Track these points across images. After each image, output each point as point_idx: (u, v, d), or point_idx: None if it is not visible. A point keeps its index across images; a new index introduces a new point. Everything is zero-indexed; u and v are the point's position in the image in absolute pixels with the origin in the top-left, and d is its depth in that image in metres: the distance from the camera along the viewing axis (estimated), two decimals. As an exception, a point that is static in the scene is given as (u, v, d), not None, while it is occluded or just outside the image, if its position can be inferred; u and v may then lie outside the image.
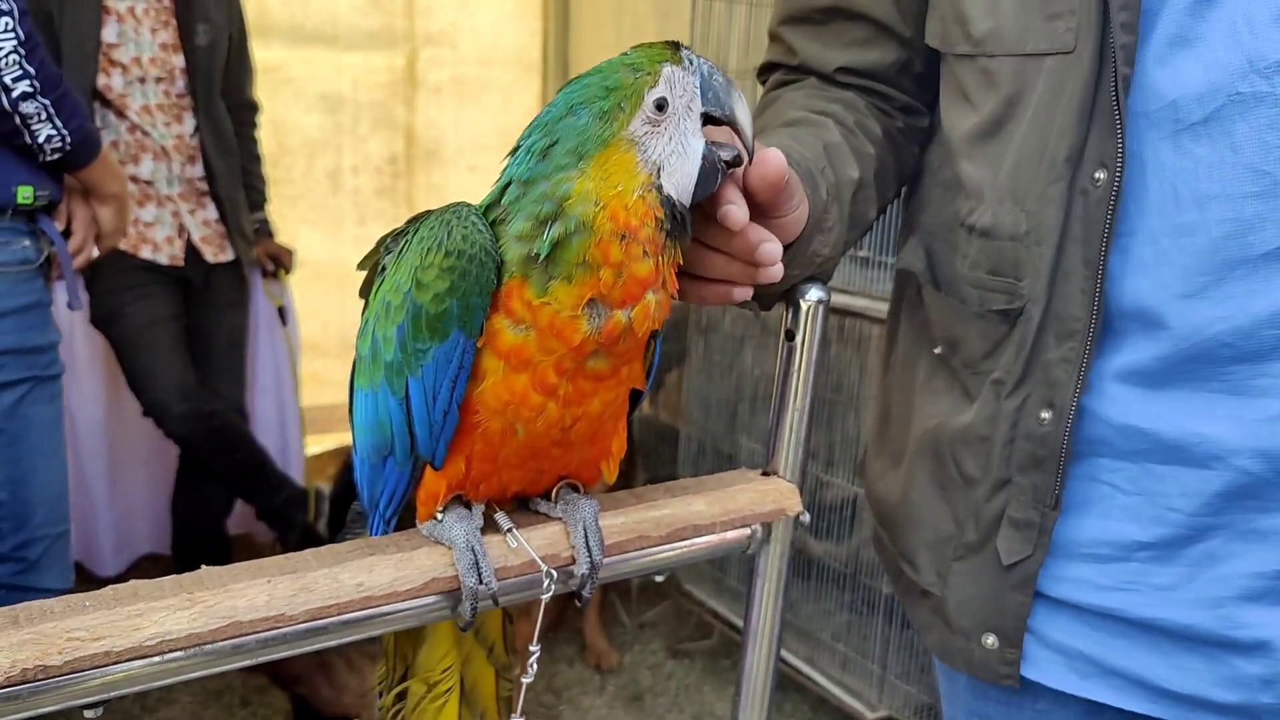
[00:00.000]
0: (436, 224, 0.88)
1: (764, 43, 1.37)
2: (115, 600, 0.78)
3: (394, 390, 0.91)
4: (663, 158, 0.84)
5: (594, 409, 0.91)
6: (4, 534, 2.05)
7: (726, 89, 0.88)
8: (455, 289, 0.85)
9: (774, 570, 1.15)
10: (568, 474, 0.99)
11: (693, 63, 0.87)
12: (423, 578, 0.89)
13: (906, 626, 2.92)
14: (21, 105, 1.87)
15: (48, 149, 1.96)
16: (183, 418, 3.28)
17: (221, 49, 3.35)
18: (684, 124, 0.86)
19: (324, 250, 4.91)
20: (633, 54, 0.86)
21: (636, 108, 0.83)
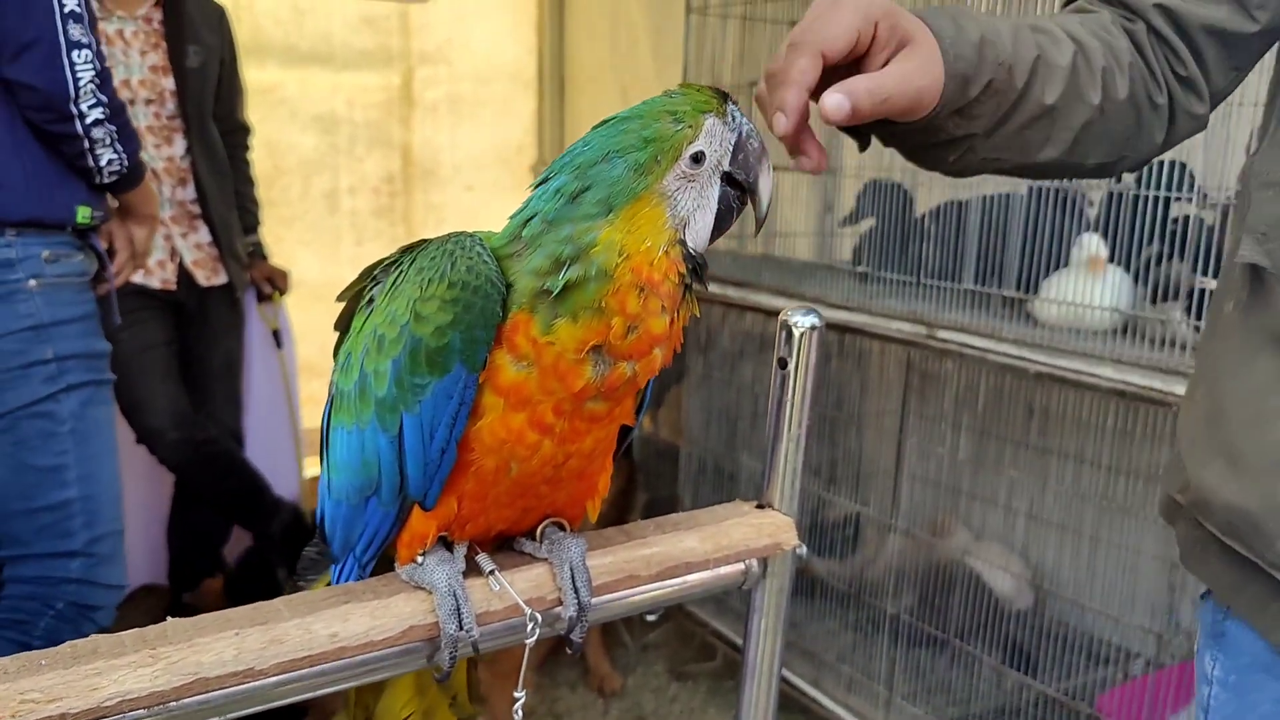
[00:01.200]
0: (438, 254, 0.85)
1: (757, 58, 1.30)
2: (73, 658, 0.74)
3: (385, 428, 0.88)
4: (689, 212, 0.84)
5: (586, 446, 0.89)
6: (76, 530, 2.17)
7: (758, 156, 0.87)
8: (458, 321, 0.82)
9: (772, 605, 1.11)
10: (554, 512, 0.96)
11: (735, 120, 0.86)
12: (400, 626, 0.85)
13: (912, 645, 2.87)
14: (94, 130, 2.04)
15: (106, 171, 2.11)
16: (177, 444, 3.24)
17: (212, 71, 3.32)
18: (711, 178, 0.86)
19: (321, 271, 4.88)
20: (678, 96, 0.85)
21: (673, 162, 0.82)
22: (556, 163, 0.85)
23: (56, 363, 2.12)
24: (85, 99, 2.01)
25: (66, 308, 2.13)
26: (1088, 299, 2.27)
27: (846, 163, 3.04)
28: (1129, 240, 2.24)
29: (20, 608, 2.15)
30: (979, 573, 2.78)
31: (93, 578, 2.22)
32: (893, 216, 2.78)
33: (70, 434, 2.16)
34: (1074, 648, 2.61)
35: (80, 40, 2.00)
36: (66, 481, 2.16)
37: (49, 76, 1.98)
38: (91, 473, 2.21)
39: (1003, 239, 2.46)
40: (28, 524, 2.15)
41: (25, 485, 2.12)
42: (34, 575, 2.17)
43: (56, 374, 2.12)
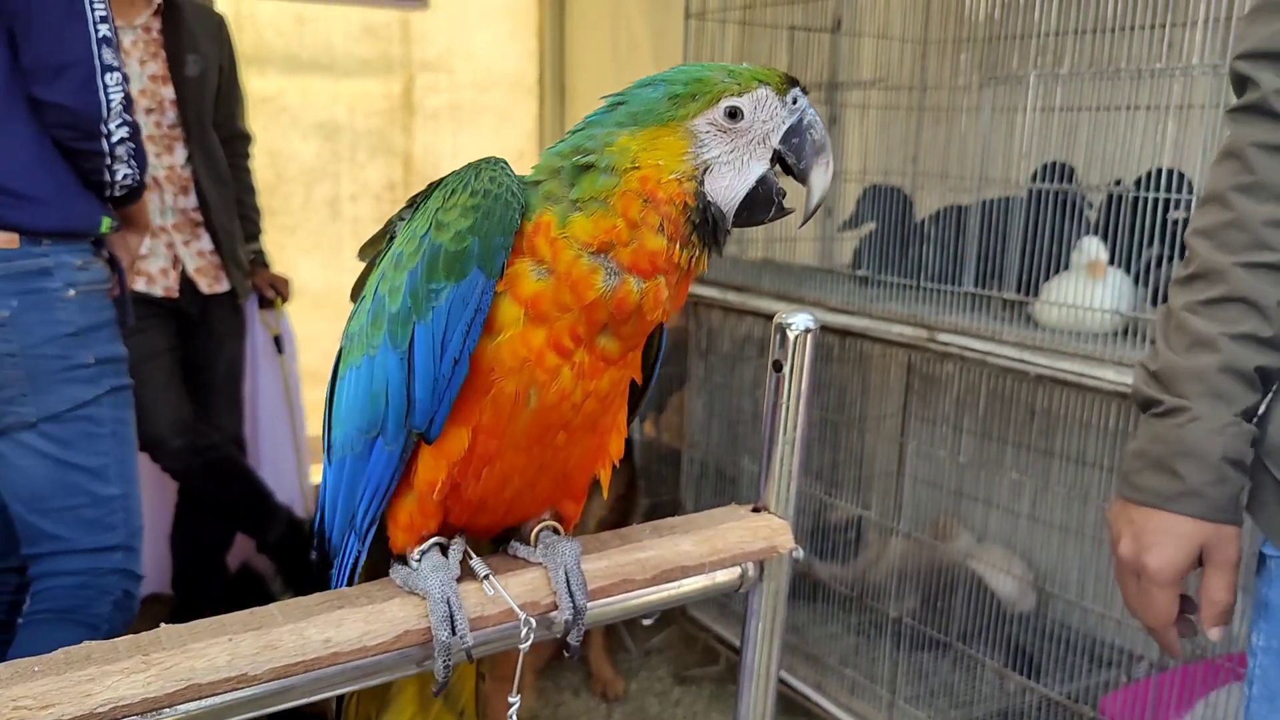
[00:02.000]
0: (462, 171, 0.89)
1: (755, 61, 1.34)
2: (66, 664, 0.74)
3: (396, 344, 0.87)
4: (715, 162, 0.85)
5: (603, 387, 0.89)
6: (118, 525, 2.31)
7: (815, 148, 0.88)
8: (478, 227, 0.83)
9: (769, 608, 1.11)
10: (566, 475, 0.95)
11: (796, 103, 0.88)
12: (394, 631, 0.85)
13: (915, 649, 2.87)
14: (117, 148, 2.13)
15: (119, 185, 2.18)
16: (179, 452, 3.24)
17: (212, 79, 3.33)
18: (753, 146, 0.87)
19: (323, 279, 4.89)
20: (746, 68, 0.88)
21: (708, 106, 0.85)
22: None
23: (97, 366, 2.21)
24: (113, 119, 2.09)
25: (98, 313, 2.22)
26: (1088, 301, 2.27)
27: (848, 167, 3.04)
28: (1129, 242, 2.24)
29: (79, 595, 2.26)
30: (981, 575, 2.78)
31: (133, 567, 2.37)
32: (893, 220, 2.79)
33: (111, 435, 2.27)
34: (1077, 650, 2.60)
35: (112, 64, 2.08)
36: (109, 479, 2.28)
37: (84, 99, 2.05)
38: (128, 471, 2.34)
39: (1003, 242, 2.46)
40: (73, 520, 2.24)
41: (70, 484, 2.22)
42: (84, 568, 2.27)
43: (97, 377, 2.22)
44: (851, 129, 3.11)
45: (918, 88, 2.81)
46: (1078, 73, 2.33)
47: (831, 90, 3.15)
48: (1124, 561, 1.21)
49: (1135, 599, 1.22)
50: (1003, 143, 2.53)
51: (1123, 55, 2.25)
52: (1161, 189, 2.16)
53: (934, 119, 2.82)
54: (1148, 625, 1.22)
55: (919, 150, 2.92)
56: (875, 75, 2.97)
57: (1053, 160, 2.45)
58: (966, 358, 2.48)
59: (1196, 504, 1.15)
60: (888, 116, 2.99)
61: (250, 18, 4.63)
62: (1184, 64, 2.14)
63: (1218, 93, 2.09)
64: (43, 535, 2.25)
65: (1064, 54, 2.34)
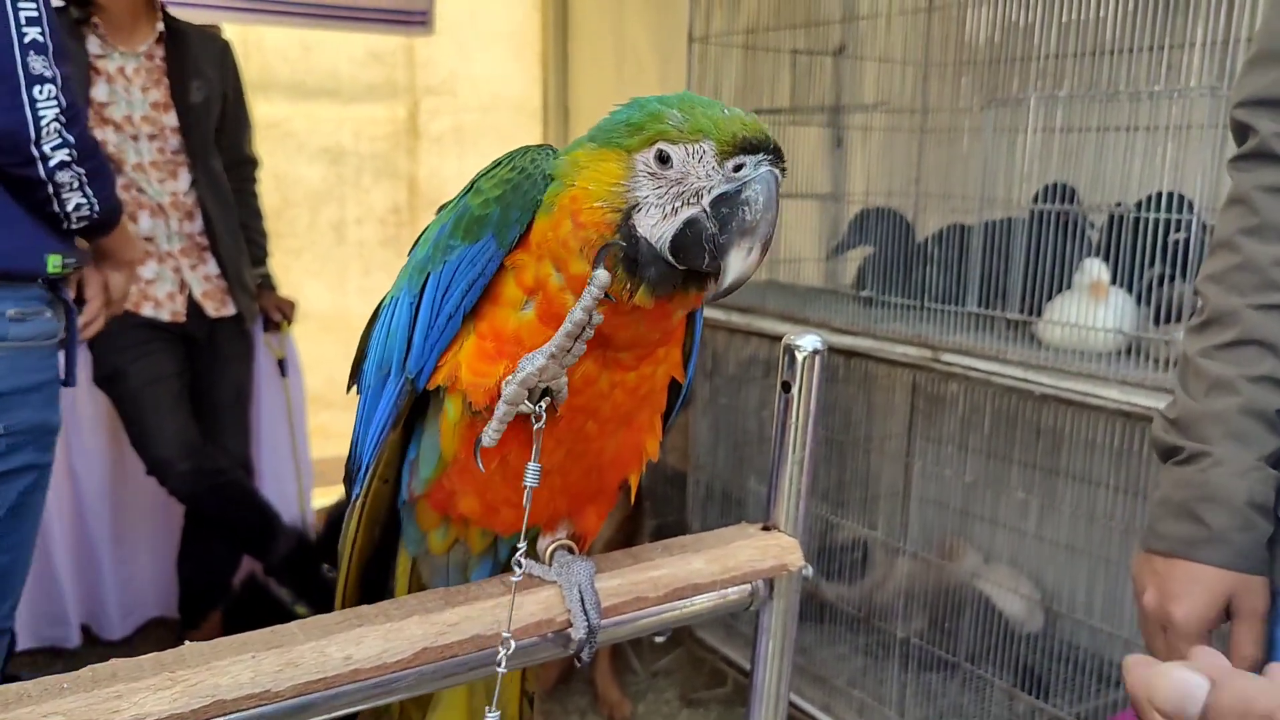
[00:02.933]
0: (515, 150, 0.90)
1: (758, 85, 1.36)
2: (93, 682, 0.76)
3: (411, 287, 0.92)
4: (644, 201, 0.81)
5: (630, 379, 0.90)
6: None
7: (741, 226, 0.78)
8: (504, 198, 0.86)
9: (779, 626, 1.12)
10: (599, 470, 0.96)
11: (740, 171, 0.79)
12: (412, 648, 0.86)
13: (923, 669, 2.87)
14: (57, 174, 1.85)
15: (74, 217, 1.93)
16: (186, 475, 3.26)
17: (214, 105, 3.35)
18: (686, 196, 0.80)
19: (329, 303, 4.92)
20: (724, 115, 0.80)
21: (646, 145, 0.81)
22: None
23: (7, 438, 1.90)
24: (48, 139, 1.81)
25: (29, 374, 1.92)
26: (1091, 321, 2.29)
27: (852, 189, 3.06)
28: (1131, 263, 2.26)
29: None
30: (989, 595, 2.78)
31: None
32: (893, 242, 2.81)
33: (7, 518, 1.93)
34: (1086, 670, 2.60)
35: (42, 74, 1.79)
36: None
37: (7, 116, 1.77)
38: (11, 564, 1.98)
39: (1005, 262, 2.48)
40: None
41: None
42: None
43: (6, 451, 1.90)
44: (855, 151, 3.13)
45: (920, 110, 2.84)
46: (1078, 94, 2.35)
47: (835, 113, 3.18)
48: (1149, 614, 1.20)
49: (1162, 654, 1.19)
50: (1004, 164, 2.55)
51: (1122, 77, 2.28)
52: (1163, 210, 2.18)
53: (936, 141, 2.85)
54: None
55: (921, 172, 2.95)
56: (878, 98, 3.00)
57: (1054, 181, 2.47)
58: (971, 377, 2.50)
59: (1223, 551, 1.14)
60: (890, 139, 3.02)
61: (257, 44, 4.68)
62: (1183, 86, 2.17)
63: (1216, 113, 2.12)
64: None
65: (1064, 76, 2.37)
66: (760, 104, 3.13)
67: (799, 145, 3.17)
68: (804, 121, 3.19)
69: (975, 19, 2.52)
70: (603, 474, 0.96)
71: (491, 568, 1.03)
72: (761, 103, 3.14)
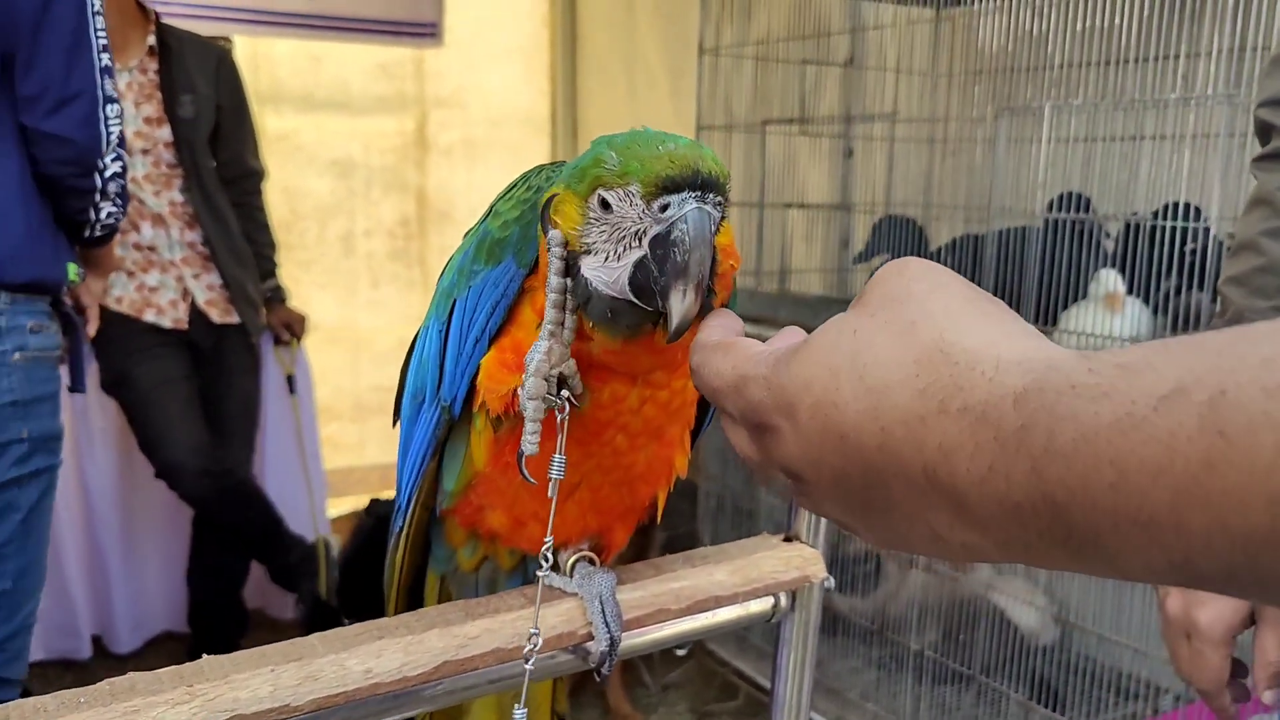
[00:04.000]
0: (531, 170, 0.90)
1: (771, 96, 1.35)
2: (111, 695, 0.75)
3: (440, 315, 0.92)
4: (593, 246, 0.79)
5: (661, 395, 0.88)
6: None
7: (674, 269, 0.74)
8: (522, 218, 0.86)
9: (800, 638, 1.11)
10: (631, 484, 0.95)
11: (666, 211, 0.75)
12: (433, 661, 0.85)
13: (937, 682, 2.84)
14: (109, 184, 2.01)
15: (100, 224, 2.06)
16: (195, 477, 3.24)
17: (208, 118, 3.31)
18: (629, 240, 0.77)
19: (337, 314, 4.92)
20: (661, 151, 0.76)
21: (590, 190, 0.78)
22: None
23: (29, 443, 1.98)
24: (109, 153, 1.99)
25: (42, 384, 2.02)
26: (1107, 330, 2.27)
27: (860, 199, 3.05)
28: (1147, 272, 2.25)
29: None
30: (1002, 607, 2.76)
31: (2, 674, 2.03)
32: (907, 251, 2.80)
33: (22, 523, 2.00)
34: (1102, 683, 2.58)
35: (112, 95, 1.99)
36: (3, 573, 1.99)
37: (88, 131, 1.94)
38: (27, 566, 2.03)
39: (1020, 271, 2.47)
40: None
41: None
42: None
43: (27, 455, 1.98)
44: (865, 161, 3.13)
45: (929, 120, 2.83)
46: (1092, 103, 2.34)
47: (844, 124, 3.17)
48: (1173, 619, 1.18)
49: (1186, 661, 1.18)
50: (1017, 173, 2.54)
51: (1137, 86, 2.27)
52: (1179, 219, 2.17)
53: (947, 150, 2.84)
54: (1199, 688, 1.18)
55: (931, 181, 2.94)
56: (888, 108, 2.99)
57: (1068, 190, 2.46)
58: (985, 387, 2.48)
59: None
60: (900, 148, 3.01)
61: (266, 57, 4.69)
62: (1198, 94, 2.16)
63: (1232, 122, 2.11)
64: None
65: (1078, 85, 2.36)
66: (770, 115, 3.13)
67: (809, 156, 3.17)
68: (814, 132, 3.18)
69: (988, 28, 2.51)
70: (633, 488, 0.95)
71: (520, 585, 1.02)
72: (771, 113, 3.14)
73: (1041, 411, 0.42)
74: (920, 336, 0.48)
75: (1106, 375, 0.40)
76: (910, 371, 0.47)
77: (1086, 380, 0.41)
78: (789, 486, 0.58)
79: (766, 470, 0.59)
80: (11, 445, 1.95)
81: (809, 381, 0.52)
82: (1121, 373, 0.40)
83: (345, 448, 5.09)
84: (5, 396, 1.93)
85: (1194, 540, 0.38)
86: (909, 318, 0.50)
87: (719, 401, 0.61)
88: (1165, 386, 0.38)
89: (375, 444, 5.26)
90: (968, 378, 0.45)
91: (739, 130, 3.15)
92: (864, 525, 0.54)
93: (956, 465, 0.45)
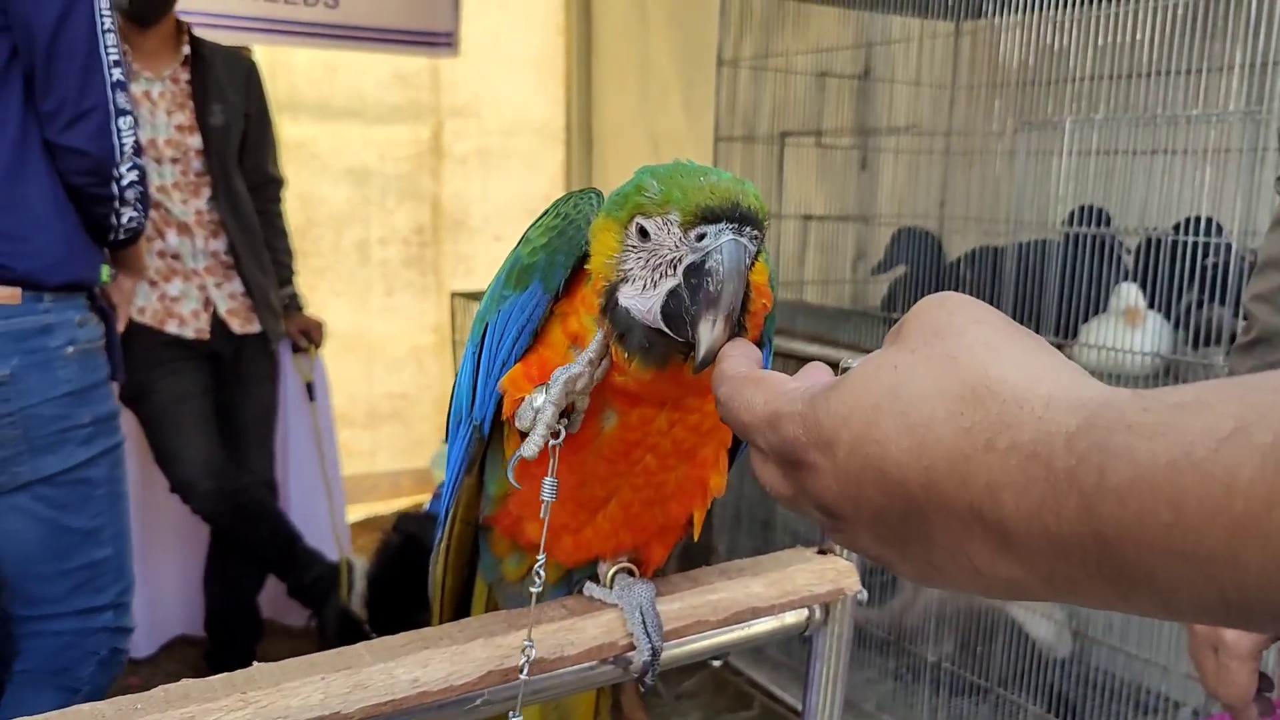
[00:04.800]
0: (561, 198, 0.92)
1: (793, 111, 1.36)
2: (166, 702, 0.76)
3: (473, 339, 0.95)
4: (630, 274, 0.80)
5: (691, 418, 0.89)
6: (108, 586, 2.26)
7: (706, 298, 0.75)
8: (550, 245, 0.87)
9: (833, 651, 1.11)
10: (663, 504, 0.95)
11: (703, 240, 0.76)
12: (478, 671, 0.86)
13: (954, 694, 2.84)
14: (127, 192, 2.13)
15: (123, 229, 2.17)
16: (209, 494, 3.26)
17: (237, 127, 3.36)
18: (665, 268, 0.79)
19: (352, 322, 4.93)
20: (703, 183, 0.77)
21: (629, 219, 0.80)
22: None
23: (93, 426, 2.18)
24: (125, 163, 2.10)
25: (94, 372, 2.19)
26: (1127, 344, 2.28)
27: (879, 211, 3.06)
28: (1168, 287, 2.25)
29: (64, 657, 2.21)
30: (1018, 619, 2.76)
31: (122, 624, 2.31)
32: (925, 263, 2.80)
33: (105, 496, 2.23)
34: (1119, 697, 2.57)
35: (125, 107, 2.10)
36: (102, 541, 2.23)
37: (102, 144, 2.06)
38: (120, 529, 2.29)
39: (1040, 284, 2.47)
40: (63, 583, 2.19)
41: (62, 547, 2.17)
42: (73, 629, 2.22)
43: (93, 437, 2.18)
44: (882, 173, 3.14)
45: (947, 133, 2.84)
46: (1113, 118, 2.35)
47: (862, 136, 3.18)
48: (1199, 634, 1.18)
49: (1212, 675, 1.18)
50: (1036, 187, 2.55)
51: (1158, 101, 2.27)
52: (1200, 233, 2.17)
53: (964, 163, 2.85)
54: (1226, 702, 1.18)
55: (948, 194, 2.95)
56: (906, 121, 3.00)
57: (1087, 204, 2.47)
58: (1004, 400, 2.48)
59: None
60: (918, 161, 3.02)
61: (285, 66, 4.72)
62: (1219, 109, 2.16)
63: (1254, 137, 2.11)
64: (33, 597, 2.19)
65: (1099, 99, 2.37)
66: (788, 127, 3.14)
67: (827, 168, 3.18)
68: (830, 144, 3.19)
69: (1008, 42, 2.52)
70: (666, 507, 0.96)
71: (564, 596, 1.03)
72: (789, 125, 3.15)
73: (1095, 450, 0.42)
74: (963, 372, 0.48)
75: (1162, 414, 0.41)
76: (954, 408, 0.47)
77: (1142, 419, 0.41)
78: (823, 522, 0.58)
79: (799, 506, 0.59)
80: (75, 430, 2.14)
81: (848, 417, 0.52)
82: (1178, 412, 0.40)
83: (359, 454, 5.11)
84: (66, 387, 2.11)
85: (1249, 578, 0.38)
86: (950, 352, 0.50)
87: (749, 436, 0.61)
88: (1225, 427, 0.38)
89: (388, 451, 5.28)
90: (1015, 415, 0.45)
91: (758, 142, 3.16)
92: (901, 560, 0.54)
93: (1004, 502, 0.45)
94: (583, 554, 0.97)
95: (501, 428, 0.94)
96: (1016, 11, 2.45)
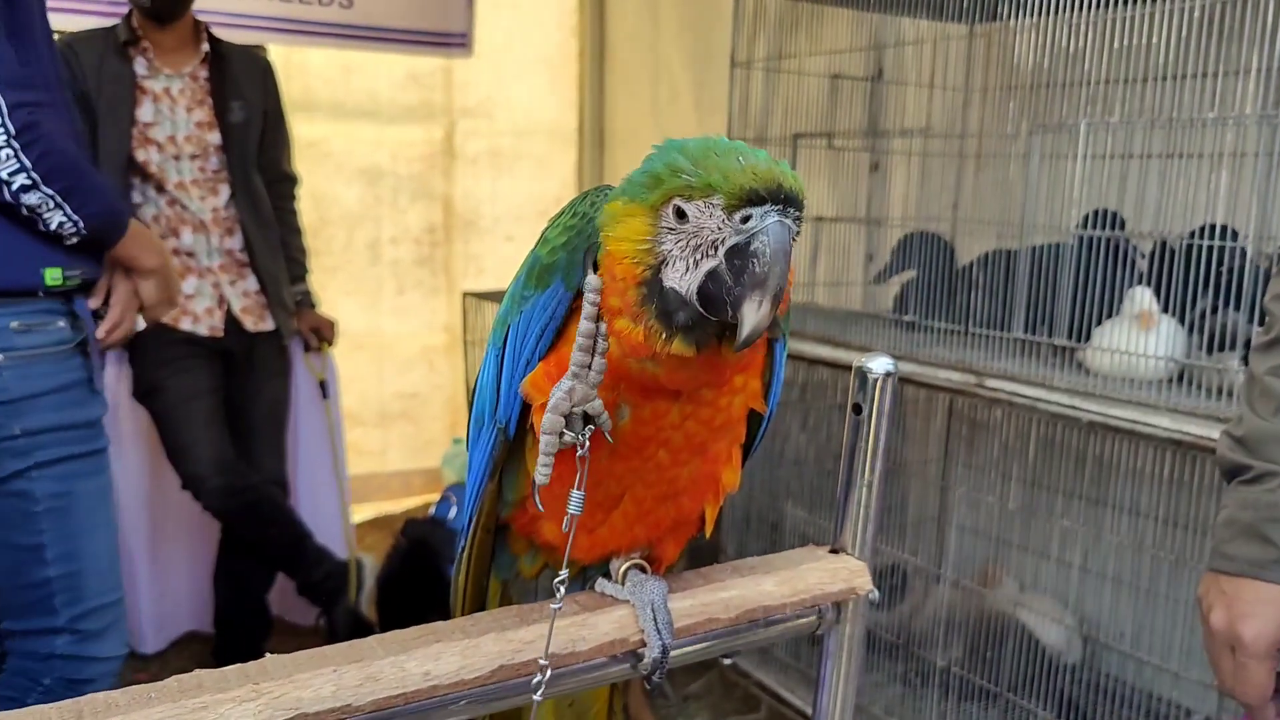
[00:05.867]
0: (579, 196, 0.92)
1: (806, 112, 1.36)
2: (180, 692, 0.76)
3: (496, 341, 0.95)
4: (669, 255, 0.80)
5: (703, 412, 0.89)
6: (59, 608, 2.08)
7: (751, 279, 0.76)
8: (569, 244, 0.88)
9: (845, 651, 1.11)
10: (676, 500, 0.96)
11: (748, 223, 0.77)
12: (489, 665, 0.86)
13: (963, 699, 2.83)
14: (23, 197, 1.86)
15: (64, 234, 1.96)
16: (219, 491, 3.27)
17: (255, 124, 3.40)
18: (704, 249, 0.79)
19: (363, 321, 4.95)
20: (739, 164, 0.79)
21: (665, 200, 0.81)
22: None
23: (26, 438, 1.99)
24: (3, 166, 1.82)
25: (40, 380, 2.00)
26: (1140, 348, 2.26)
27: (891, 214, 3.06)
28: (1182, 290, 2.24)
29: (11, 683, 2.09)
30: (1027, 624, 2.74)
31: (82, 652, 2.13)
32: (935, 267, 2.79)
33: (46, 513, 2.04)
34: (1130, 704, 2.56)
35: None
36: (45, 560, 2.06)
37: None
38: (73, 550, 2.09)
39: (1053, 288, 2.46)
40: (15, 600, 2.08)
41: (10, 562, 2.05)
42: (23, 650, 2.11)
43: (27, 450, 2.00)
44: (895, 176, 3.13)
45: (960, 136, 2.84)
46: (1129, 121, 2.34)
47: (875, 138, 3.18)
48: (1217, 634, 1.19)
49: (1230, 675, 1.19)
50: (1050, 190, 2.54)
51: (1173, 104, 2.26)
52: (1216, 238, 2.16)
53: (978, 165, 2.84)
54: (1243, 702, 1.19)
55: (961, 197, 2.94)
56: (919, 123, 3.00)
57: (1101, 207, 2.46)
58: (1015, 403, 2.47)
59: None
60: (930, 164, 3.02)
61: (300, 65, 4.74)
62: (1236, 113, 2.15)
63: (1270, 141, 2.10)
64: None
65: (1114, 102, 2.36)
66: (802, 128, 3.14)
67: (838, 170, 3.18)
68: (842, 146, 3.19)
69: (1023, 44, 2.51)
70: (679, 503, 0.96)
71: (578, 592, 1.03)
72: (802, 127, 3.15)
73: None
74: None
75: None
76: None
77: None
78: None
79: None
80: (5, 442, 1.96)
81: None
82: None
83: (368, 454, 5.12)
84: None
85: None
86: None
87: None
88: None
89: (398, 450, 5.30)
90: None
91: (770, 144, 3.16)
92: None
93: None
94: (598, 551, 0.97)
95: (524, 431, 0.94)
96: (1031, 14, 2.44)
